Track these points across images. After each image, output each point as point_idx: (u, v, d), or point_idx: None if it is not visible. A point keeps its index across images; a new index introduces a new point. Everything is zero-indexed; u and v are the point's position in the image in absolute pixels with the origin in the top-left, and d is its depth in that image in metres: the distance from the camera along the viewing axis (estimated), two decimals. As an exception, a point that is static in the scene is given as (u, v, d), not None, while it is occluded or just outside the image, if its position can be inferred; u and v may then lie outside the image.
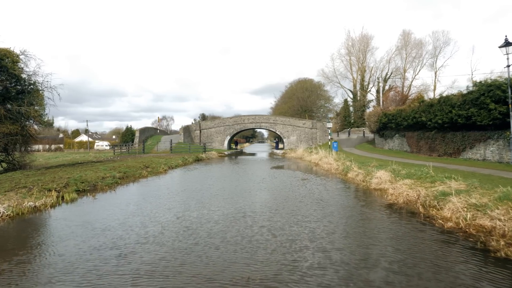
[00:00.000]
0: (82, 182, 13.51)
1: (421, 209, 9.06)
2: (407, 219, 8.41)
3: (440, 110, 19.90)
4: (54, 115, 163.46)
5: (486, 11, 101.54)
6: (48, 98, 22.39)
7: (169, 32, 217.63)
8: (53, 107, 21.13)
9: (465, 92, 17.99)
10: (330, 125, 33.86)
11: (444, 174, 12.14)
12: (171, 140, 39.24)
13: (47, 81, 22.03)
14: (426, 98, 31.51)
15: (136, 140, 43.27)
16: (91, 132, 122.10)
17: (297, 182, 16.10)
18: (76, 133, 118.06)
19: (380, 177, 13.17)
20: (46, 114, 21.54)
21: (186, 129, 47.59)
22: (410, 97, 37.43)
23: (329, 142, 36.17)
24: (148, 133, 47.93)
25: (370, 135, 43.52)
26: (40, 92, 21.75)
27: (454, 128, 19.39)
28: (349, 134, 48.17)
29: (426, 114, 21.55)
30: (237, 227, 8.11)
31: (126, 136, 59.67)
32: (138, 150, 37.80)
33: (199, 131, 48.41)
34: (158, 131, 53.09)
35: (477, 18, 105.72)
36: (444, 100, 19.55)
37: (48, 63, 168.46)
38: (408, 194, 10.43)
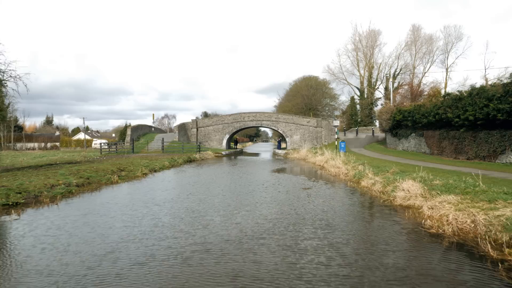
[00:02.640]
0: (19, 193, 10.39)
1: (490, 250, 5.77)
2: (476, 272, 5.13)
3: (471, 104, 16.53)
4: (60, 113, 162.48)
5: (497, 10, 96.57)
6: (13, 89, 19.58)
7: (175, 30, 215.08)
8: (14, 99, 18.05)
9: (507, 81, 14.62)
10: (337, 123, 30.57)
11: (498, 187, 8.83)
12: (162, 138, 36.11)
13: (10, 70, 19.06)
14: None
15: (128, 138, 40.23)
16: (92, 130, 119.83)
17: (299, 192, 12.87)
18: (77, 131, 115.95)
19: (408, 189, 9.88)
20: (7, 107, 18.51)
21: (182, 127, 44.47)
22: (424, 94, 33.93)
23: (336, 142, 32.86)
24: (141, 131, 44.86)
25: (380, 135, 40.14)
26: (3, 82, 18.79)
27: (489, 126, 16.03)
28: (357, 133, 44.78)
29: (453, 109, 18.17)
30: (193, 279, 4.92)
31: (124, 134, 56.74)
32: (127, 150, 34.75)
33: (196, 129, 45.25)
34: (153, 129, 50.03)
35: (488, 18, 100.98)
36: (478, 92, 16.17)
37: (56, 61, 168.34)
38: (457, 219, 7.15)
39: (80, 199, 11.35)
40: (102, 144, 37.85)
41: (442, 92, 34.60)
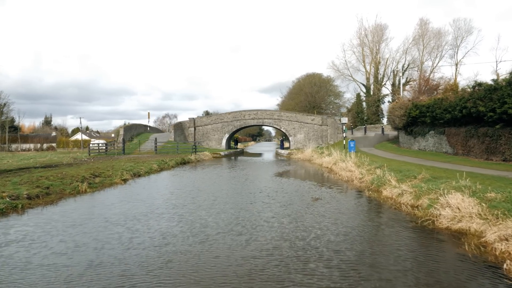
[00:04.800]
0: None
1: None
2: None
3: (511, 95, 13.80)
4: (64, 114, 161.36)
5: (500, 8, 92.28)
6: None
7: (179, 30, 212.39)
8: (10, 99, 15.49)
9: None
10: (345, 120, 27.94)
11: None
12: (155, 138, 33.53)
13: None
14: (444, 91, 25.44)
15: (120, 138, 37.72)
16: (92, 130, 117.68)
17: (306, 204, 10.24)
18: (76, 131, 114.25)
19: (458, 207, 7.20)
20: (2, 107, 16.03)
21: (178, 126, 41.91)
22: (440, 88, 31.13)
23: (344, 141, 30.18)
24: (135, 130, 42.31)
25: (390, 133, 37.35)
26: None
27: (534, 121, 13.31)
28: (365, 131, 42.01)
29: (486, 102, 15.43)
30: None
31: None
32: (117, 151, 32.22)
33: (193, 129, 42.65)
34: (148, 128, 47.49)
35: (492, 15, 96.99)
36: (521, 80, 13.43)
37: (59, 61, 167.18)
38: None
39: (21, 217, 8.78)
40: (91, 145, 35.34)
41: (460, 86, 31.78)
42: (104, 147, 33.66)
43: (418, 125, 24.53)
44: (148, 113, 45.23)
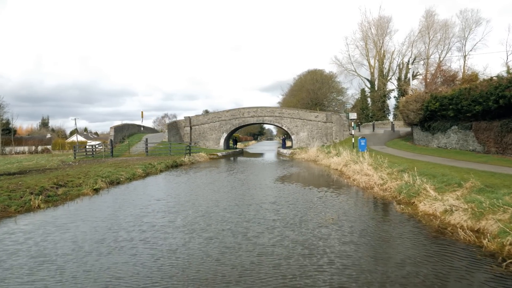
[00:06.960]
0: None
1: None
2: None
3: None
4: (66, 116, 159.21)
5: (503, 3, 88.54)
6: None
7: (179, 30, 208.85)
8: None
9: None
10: (354, 115, 25.29)
11: None
12: (146, 139, 30.90)
13: None
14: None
15: (109, 140, 35.14)
16: (90, 132, 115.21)
17: (323, 226, 7.60)
18: (74, 132, 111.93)
19: None
20: None
21: (173, 126, 39.29)
22: (457, 79, 28.39)
23: (353, 139, 27.51)
24: (127, 131, 39.67)
25: (401, 129, 34.66)
26: None
27: None
28: (373, 128, 39.26)
29: (532, 89, 12.76)
30: None
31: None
32: (105, 153, 29.62)
33: (189, 128, 40.00)
34: (142, 128, 44.88)
35: (495, 10, 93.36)
36: None
37: (60, 63, 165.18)
38: None
39: None
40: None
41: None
42: (90, 149, 31.07)
43: (437, 120, 21.83)
44: (142, 112, 42.41)
